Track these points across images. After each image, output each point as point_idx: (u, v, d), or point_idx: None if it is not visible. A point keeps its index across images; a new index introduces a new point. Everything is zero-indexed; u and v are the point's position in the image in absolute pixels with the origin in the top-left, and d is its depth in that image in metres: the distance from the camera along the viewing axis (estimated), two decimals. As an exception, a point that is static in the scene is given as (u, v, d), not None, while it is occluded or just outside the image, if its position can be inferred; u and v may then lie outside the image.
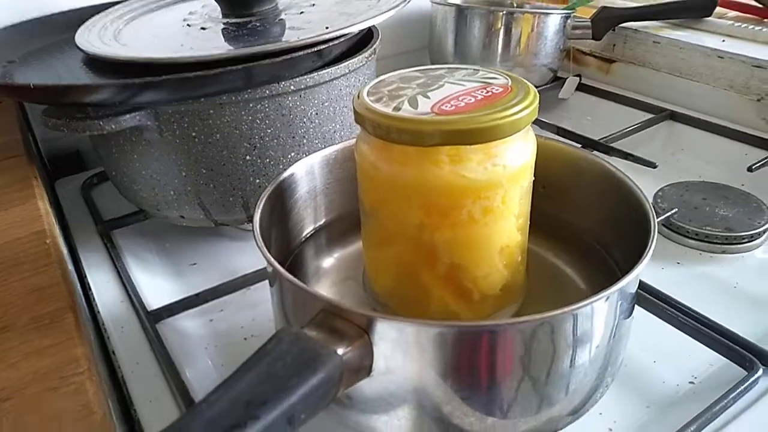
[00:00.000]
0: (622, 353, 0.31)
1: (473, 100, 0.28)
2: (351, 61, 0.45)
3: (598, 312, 0.26)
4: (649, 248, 0.27)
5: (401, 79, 0.32)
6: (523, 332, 0.25)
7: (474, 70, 0.32)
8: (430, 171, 0.28)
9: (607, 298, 0.26)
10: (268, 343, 0.24)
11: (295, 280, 0.26)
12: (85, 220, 0.55)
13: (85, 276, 0.48)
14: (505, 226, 0.30)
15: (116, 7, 0.57)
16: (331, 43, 0.43)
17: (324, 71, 0.44)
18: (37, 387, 0.26)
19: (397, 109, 0.28)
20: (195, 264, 0.50)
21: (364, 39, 0.50)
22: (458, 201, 0.28)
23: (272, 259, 0.27)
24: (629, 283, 0.27)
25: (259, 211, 0.31)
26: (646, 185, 0.53)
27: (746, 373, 0.35)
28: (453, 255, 0.30)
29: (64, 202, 0.58)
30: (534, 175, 0.32)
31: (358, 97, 0.30)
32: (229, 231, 0.53)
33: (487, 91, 0.29)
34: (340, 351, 0.24)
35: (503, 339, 0.25)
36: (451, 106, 0.28)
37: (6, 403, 0.26)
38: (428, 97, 0.29)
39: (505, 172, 0.28)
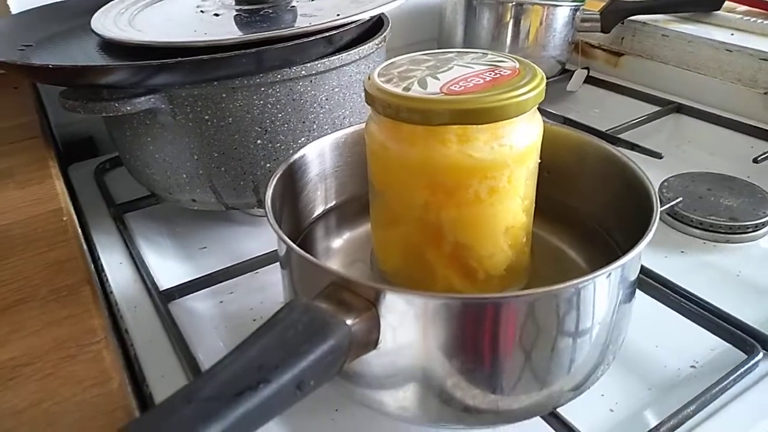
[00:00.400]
0: (623, 332, 0.32)
1: (482, 81, 0.29)
2: (361, 48, 0.46)
3: (600, 288, 0.27)
4: (652, 227, 0.28)
5: (411, 61, 0.32)
6: (527, 305, 0.25)
7: (483, 53, 0.33)
8: (437, 150, 0.28)
9: (609, 274, 0.26)
10: (279, 312, 0.24)
11: (306, 254, 0.27)
12: (97, 204, 0.56)
13: (98, 257, 0.49)
14: (510, 207, 0.30)
15: (131, -6, 0.58)
16: (341, 30, 0.43)
17: (334, 57, 0.45)
18: (57, 354, 0.27)
19: (407, 89, 0.29)
20: (205, 248, 0.51)
21: (375, 27, 0.51)
22: (465, 180, 0.29)
23: (283, 235, 0.28)
24: (630, 260, 0.27)
25: (271, 190, 0.32)
26: (651, 175, 0.53)
27: (746, 356, 0.36)
28: (458, 234, 0.31)
29: (78, 187, 0.59)
30: (540, 160, 0.33)
31: (369, 78, 0.31)
32: (238, 216, 0.54)
33: (495, 73, 0.30)
34: (348, 321, 0.25)
35: (507, 311, 0.25)
36: (460, 86, 0.28)
37: (27, 368, 0.27)
38: (438, 79, 0.30)
39: (512, 152, 0.29)
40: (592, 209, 0.38)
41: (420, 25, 0.78)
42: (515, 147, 0.29)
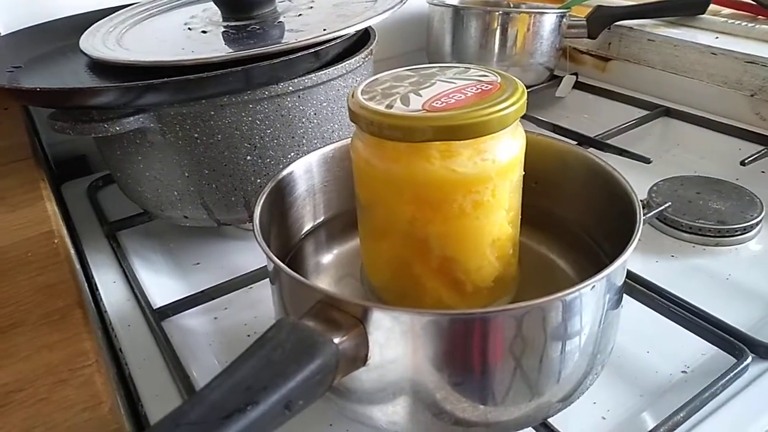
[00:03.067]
0: (611, 341, 0.32)
1: (463, 97, 0.29)
2: (348, 62, 0.46)
3: (586, 299, 0.27)
4: (634, 237, 0.28)
5: (394, 78, 0.33)
6: (512, 319, 0.26)
7: (465, 68, 0.33)
8: (421, 166, 0.29)
9: (593, 286, 0.27)
10: (267, 332, 0.25)
11: (293, 273, 0.27)
12: (91, 222, 0.56)
13: (92, 276, 0.49)
14: (495, 220, 0.31)
15: (119, 12, 0.59)
16: (327, 45, 0.44)
17: (321, 72, 0.45)
18: (49, 379, 0.28)
19: (389, 106, 0.29)
20: (198, 264, 0.52)
21: (362, 40, 0.51)
22: (449, 195, 0.29)
23: (271, 254, 0.28)
24: (615, 270, 0.27)
25: (259, 208, 0.32)
26: (640, 180, 0.54)
27: (736, 360, 0.36)
28: (445, 248, 0.31)
29: (71, 205, 0.60)
30: (526, 171, 0.33)
31: (353, 96, 0.31)
32: (231, 231, 0.54)
33: (477, 88, 0.30)
34: (336, 340, 0.25)
35: (493, 326, 0.26)
36: (442, 103, 0.29)
37: (19, 394, 0.27)
38: (420, 95, 0.30)
39: (494, 166, 0.29)
40: (579, 218, 0.38)
41: (408, 35, 0.78)
42: (498, 161, 0.29)
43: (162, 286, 0.48)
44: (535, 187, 0.37)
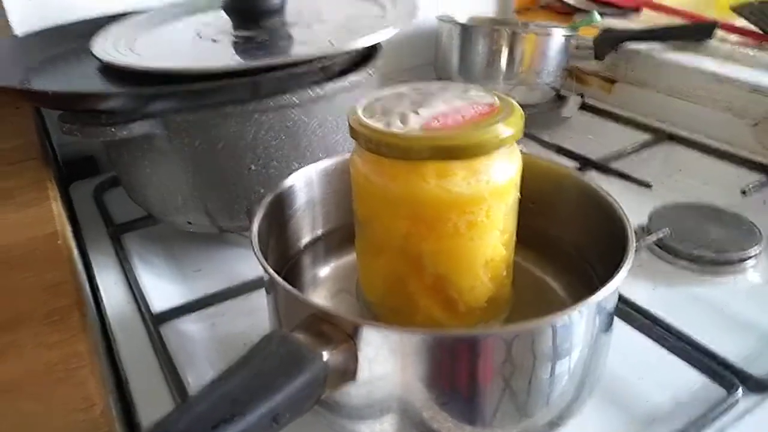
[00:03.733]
0: (601, 366, 0.32)
1: (461, 117, 0.30)
2: (353, 77, 0.47)
3: (576, 323, 0.28)
4: (625, 264, 0.29)
5: (395, 95, 0.33)
6: (501, 341, 0.26)
7: (465, 88, 0.34)
8: (417, 184, 0.29)
9: (581, 311, 0.27)
10: (258, 344, 0.25)
11: (287, 285, 0.27)
12: (96, 223, 0.57)
13: (94, 277, 0.50)
14: (489, 241, 0.31)
15: (132, 15, 0.60)
16: (333, 60, 0.44)
17: (327, 86, 0.46)
18: (46, 378, 0.28)
19: (388, 124, 0.30)
20: (200, 270, 0.52)
21: (369, 54, 0.52)
22: (443, 214, 0.30)
23: (267, 265, 0.28)
24: (606, 297, 0.28)
25: (258, 220, 0.33)
26: (641, 205, 0.55)
27: (727, 393, 0.36)
28: (438, 266, 0.31)
29: (77, 205, 0.60)
30: (523, 192, 0.34)
31: (353, 112, 0.32)
32: (233, 238, 0.55)
33: (475, 110, 0.31)
34: (325, 354, 0.25)
35: (483, 347, 0.26)
36: (439, 123, 0.29)
37: (10, 394, 0.27)
38: (418, 114, 0.30)
39: (489, 187, 0.30)
40: (574, 240, 0.38)
41: (417, 49, 0.79)
42: (493, 182, 0.30)
43: (162, 290, 0.49)
44: (533, 207, 0.37)
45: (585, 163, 0.62)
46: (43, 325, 0.31)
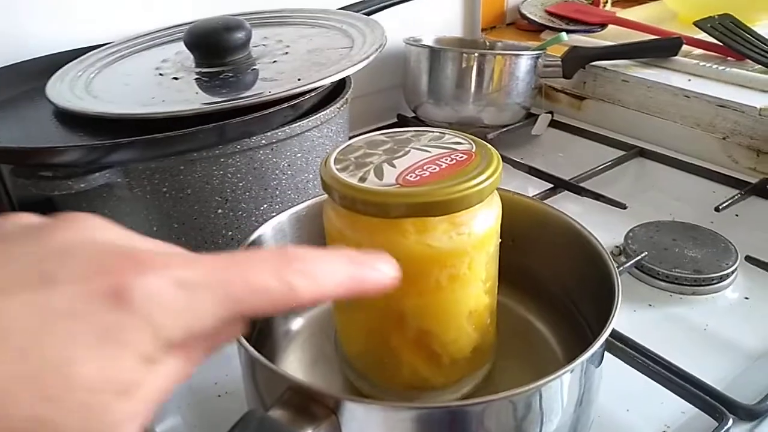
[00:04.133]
0: (591, 417, 0.31)
1: (438, 168, 0.29)
2: (323, 113, 0.46)
3: (566, 382, 0.27)
4: (612, 313, 0.28)
5: (368, 144, 0.32)
6: (490, 410, 0.25)
7: (440, 133, 0.33)
8: (395, 241, 0.28)
9: (560, 380, 0.26)
10: (233, 429, 0.23)
11: (265, 360, 0.26)
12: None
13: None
14: (472, 292, 0.30)
15: (89, 54, 0.57)
16: (302, 98, 0.43)
17: (296, 124, 0.44)
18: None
19: (362, 179, 0.28)
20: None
21: (337, 88, 0.51)
22: (425, 269, 0.29)
23: (244, 342, 0.27)
24: (595, 351, 0.27)
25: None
26: (616, 225, 0.55)
27: (717, 424, 0.36)
28: (421, 321, 0.30)
29: (36, 252, 0.58)
30: (503, 228, 0.32)
31: (325, 164, 0.30)
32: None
33: (452, 159, 0.30)
34: (307, 433, 0.24)
35: (471, 418, 0.25)
36: (416, 176, 0.28)
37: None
38: (394, 166, 0.29)
39: (471, 239, 0.29)
40: (556, 278, 0.38)
41: (384, 72, 0.78)
42: (474, 234, 0.29)
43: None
44: (513, 245, 0.36)
45: (557, 183, 0.61)
46: None
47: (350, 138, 0.34)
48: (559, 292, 0.37)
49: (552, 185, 0.61)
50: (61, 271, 0.15)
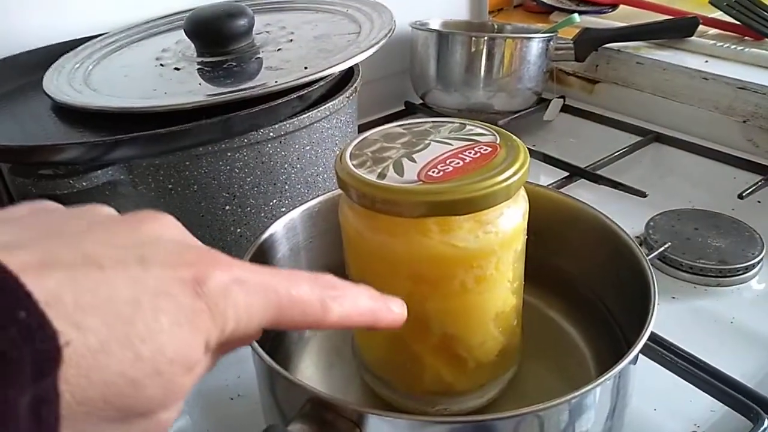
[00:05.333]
0: (624, 423, 0.30)
1: (461, 163, 0.27)
2: (331, 103, 0.44)
3: (597, 395, 0.25)
4: (649, 320, 0.26)
5: (385, 137, 0.30)
6: (519, 424, 0.23)
7: (460, 124, 0.31)
8: (418, 241, 0.26)
9: (606, 381, 0.24)
10: (253, 446, 0.22)
11: (284, 372, 0.24)
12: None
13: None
14: (499, 293, 0.28)
15: (86, 44, 0.55)
16: (310, 88, 0.41)
17: (304, 115, 0.42)
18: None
19: (382, 175, 0.27)
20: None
21: (345, 76, 0.49)
22: (449, 271, 0.27)
23: (264, 354, 0.25)
24: (629, 362, 0.25)
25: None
26: (637, 214, 0.53)
27: (752, 425, 0.34)
28: (446, 325, 0.28)
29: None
30: (528, 224, 0.31)
31: (341, 160, 0.28)
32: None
33: (476, 152, 0.28)
34: (330, 449, 0.22)
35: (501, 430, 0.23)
36: (439, 171, 0.26)
37: None
38: (414, 161, 0.27)
39: (498, 238, 0.27)
40: (582, 275, 0.36)
41: (391, 57, 0.75)
42: (501, 232, 0.27)
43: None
44: (534, 240, 0.34)
45: (573, 171, 0.60)
46: None
47: (359, 128, 0.33)
48: (584, 289, 0.36)
49: (567, 173, 0.59)
50: (154, 257, 0.17)
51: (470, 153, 0.28)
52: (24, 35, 0.55)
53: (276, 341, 0.34)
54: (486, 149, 0.28)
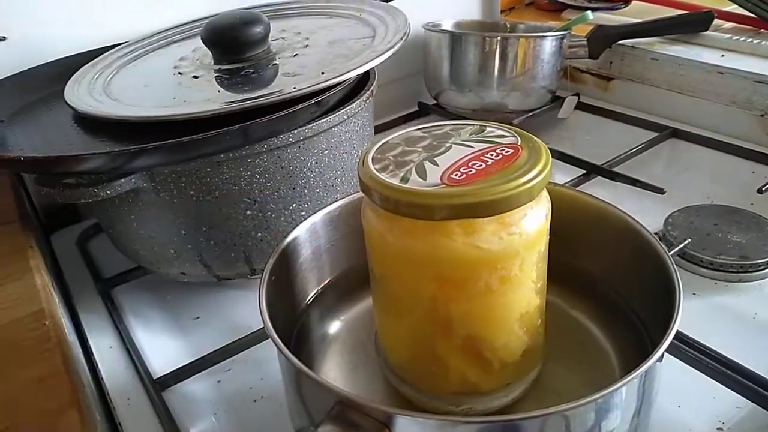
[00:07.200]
0: (648, 422, 0.30)
1: (483, 165, 0.27)
2: (349, 107, 0.44)
3: (622, 395, 0.25)
4: (674, 320, 0.26)
5: (406, 141, 0.30)
6: (546, 423, 0.23)
7: (480, 126, 0.31)
8: (442, 244, 0.27)
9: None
10: (285, 449, 0.22)
11: (312, 373, 0.25)
12: (83, 278, 0.53)
13: (87, 340, 0.46)
14: (523, 294, 0.29)
15: (104, 55, 0.56)
16: (328, 93, 0.41)
17: (322, 120, 0.43)
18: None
19: (405, 179, 0.27)
20: (199, 318, 0.49)
21: (361, 80, 0.49)
22: (474, 273, 0.27)
23: (292, 357, 0.26)
24: (655, 361, 0.25)
25: (264, 287, 0.30)
26: (655, 211, 0.53)
27: (780, 421, 0.34)
28: (470, 327, 0.29)
29: (61, 258, 0.57)
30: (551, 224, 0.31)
31: (363, 164, 0.29)
32: (231, 281, 0.52)
33: (497, 154, 0.28)
34: (360, 451, 0.23)
35: (530, 429, 0.23)
36: (462, 174, 0.27)
37: None
38: (436, 164, 0.28)
39: (522, 240, 0.27)
40: (603, 274, 0.36)
41: (404, 59, 0.75)
42: (525, 233, 0.27)
43: (161, 346, 0.46)
44: (554, 240, 0.34)
45: (590, 169, 0.59)
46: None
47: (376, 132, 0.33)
48: (607, 288, 0.36)
49: (584, 171, 0.59)
50: None
51: (492, 155, 0.28)
52: (44, 47, 0.56)
53: (299, 342, 0.35)
54: (508, 151, 0.28)
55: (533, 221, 0.28)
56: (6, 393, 0.30)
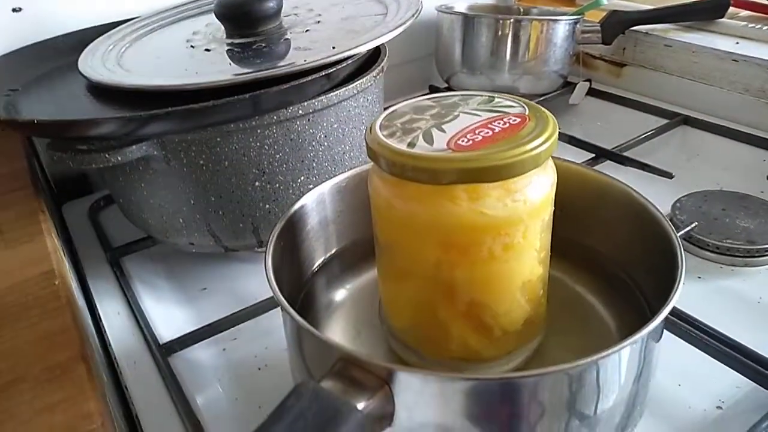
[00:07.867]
0: (648, 393, 0.30)
1: (490, 133, 0.27)
2: (359, 82, 0.44)
3: (624, 357, 0.26)
4: (676, 286, 0.26)
5: (414, 109, 0.31)
6: (550, 381, 0.24)
7: (489, 97, 0.31)
8: (447, 208, 0.27)
9: (619, 353, 0.25)
10: (287, 400, 0.23)
11: (316, 331, 0.25)
12: (93, 247, 0.54)
13: (96, 306, 0.47)
14: (526, 262, 0.29)
15: (119, 28, 0.57)
16: (338, 66, 0.42)
17: (332, 94, 0.43)
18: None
19: (411, 144, 0.27)
20: (206, 288, 0.50)
21: (372, 56, 0.49)
22: (478, 238, 0.27)
23: (296, 315, 0.26)
24: (654, 328, 0.25)
25: (270, 252, 0.30)
26: (663, 195, 0.53)
27: (780, 399, 0.34)
28: (473, 292, 0.29)
29: (72, 228, 0.58)
30: (555, 199, 0.31)
31: (371, 131, 0.29)
32: (239, 253, 0.52)
33: (505, 122, 0.28)
34: (360, 406, 0.23)
35: (530, 389, 0.24)
36: (468, 140, 0.27)
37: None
38: (443, 131, 0.28)
39: (526, 207, 0.27)
40: (608, 249, 0.36)
41: (416, 41, 0.76)
42: (530, 201, 0.27)
43: (168, 314, 0.46)
44: (561, 214, 0.35)
45: (599, 153, 0.59)
46: (43, 384, 0.28)
47: (385, 109, 0.33)
48: (611, 263, 0.36)
49: (594, 155, 0.59)
50: None
51: (499, 123, 0.28)
52: (59, 20, 0.57)
53: (304, 308, 0.35)
54: (515, 120, 0.28)
55: (538, 189, 0.28)
56: (15, 347, 0.30)
